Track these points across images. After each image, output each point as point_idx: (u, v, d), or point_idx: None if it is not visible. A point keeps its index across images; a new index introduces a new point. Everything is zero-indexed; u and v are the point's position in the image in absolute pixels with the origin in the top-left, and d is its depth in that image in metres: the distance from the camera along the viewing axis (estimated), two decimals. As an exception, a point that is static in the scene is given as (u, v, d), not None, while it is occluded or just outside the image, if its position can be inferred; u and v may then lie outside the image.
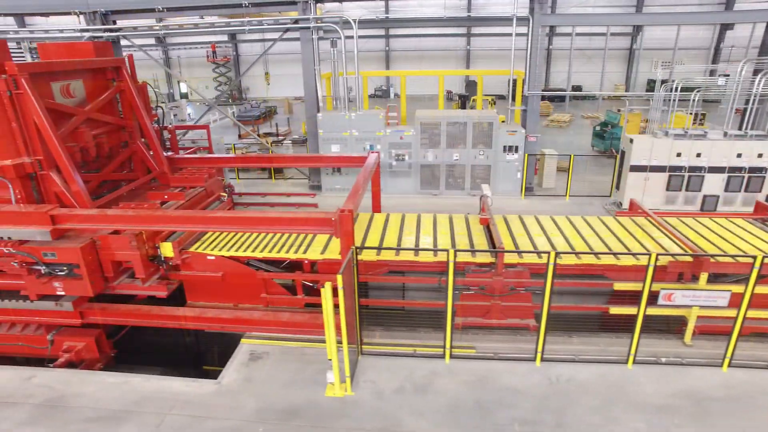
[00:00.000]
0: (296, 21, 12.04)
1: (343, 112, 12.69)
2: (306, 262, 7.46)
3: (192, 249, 7.40)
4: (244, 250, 7.38)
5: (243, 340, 7.06)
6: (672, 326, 7.29)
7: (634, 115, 16.42)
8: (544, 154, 13.41)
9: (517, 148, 12.34)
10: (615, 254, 7.02)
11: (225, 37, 35.00)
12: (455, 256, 6.15)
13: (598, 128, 17.61)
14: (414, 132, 12.40)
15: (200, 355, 8.60)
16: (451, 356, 6.67)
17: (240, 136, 20.10)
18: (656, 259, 5.96)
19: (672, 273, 6.80)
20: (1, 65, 6.52)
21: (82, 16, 12.66)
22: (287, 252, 7.38)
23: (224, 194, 9.11)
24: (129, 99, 8.56)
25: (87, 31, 12.68)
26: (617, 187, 12.06)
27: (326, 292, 5.64)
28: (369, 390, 6.13)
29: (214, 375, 8.14)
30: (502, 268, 6.88)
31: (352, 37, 12.35)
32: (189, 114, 23.53)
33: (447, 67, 34.28)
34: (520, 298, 7.04)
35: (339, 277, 5.53)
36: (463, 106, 20.55)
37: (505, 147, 12.34)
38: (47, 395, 6.11)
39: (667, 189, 11.32)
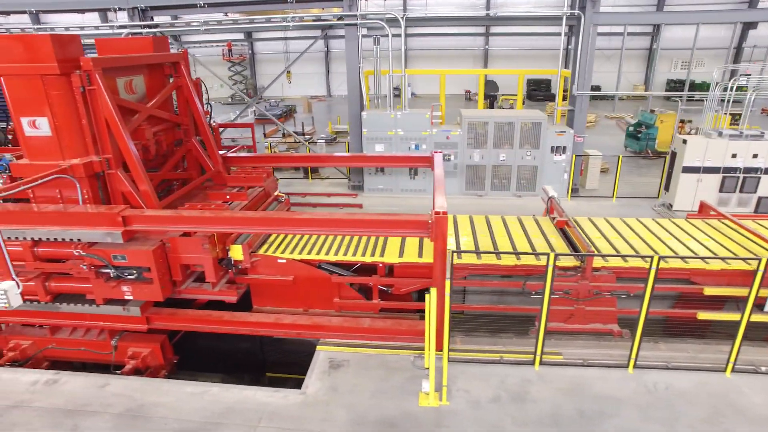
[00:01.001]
0: (340, 18, 11.78)
1: (388, 111, 12.44)
2: (381, 265, 7.23)
3: (260, 252, 7.16)
4: (317, 253, 7.15)
5: (319, 348, 6.79)
6: (761, 333, 7.09)
7: (667, 115, 16.26)
8: (589, 155, 13.20)
9: (564, 148, 12.13)
10: (723, 259, 6.78)
11: (241, 35, 34.71)
12: (555, 259, 5.92)
13: (631, 129, 17.44)
14: (461, 132, 12.16)
15: (255, 359, 8.34)
16: (541, 363, 6.46)
17: (265, 135, 19.81)
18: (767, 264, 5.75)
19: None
20: (74, 60, 6.26)
21: (120, 12, 12.36)
22: (361, 255, 7.16)
23: (282, 194, 8.86)
24: (186, 95, 8.29)
25: (124, 27, 12.39)
26: (666, 189, 11.86)
27: (432, 298, 5.42)
28: (464, 399, 5.88)
29: (280, 383, 7.99)
30: (591, 272, 6.68)
31: (388, 35, 12.07)
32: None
33: (464, 66, 34.06)
34: (605, 302, 6.84)
35: (448, 283, 5.30)
36: (491, 106, 20.33)
37: (552, 147, 12.12)
38: (126, 404, 5.83)
39: (720, 191, 11.13)
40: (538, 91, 31.81)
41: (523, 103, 23.31)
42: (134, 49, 7.81)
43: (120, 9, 12.07)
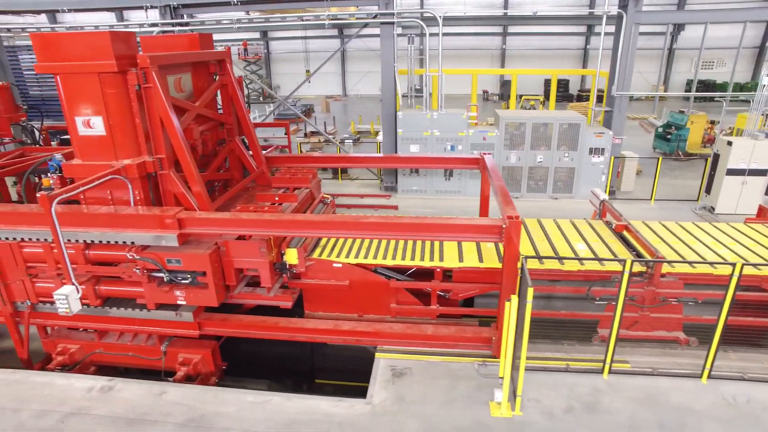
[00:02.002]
0: (375, 15, 11.57)
1: (424, 111, 12.23)
2: (438, 270, 7.03)
3: (314, 255, 6.96)
4: (374, 257, 6.95)
5: (378, 355, 6.58)
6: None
7: (698, 116, 16.03)
8: (625, 157, 12.98)
9: (603, 150, 11.91)
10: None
11: (257, 34, 34.57)
12: (631, 266, 5.71)
13: (660, 130, 17.21)
14: (498, 133, 11.95)
15: (301, 365, 8.14)
16: (610, 371, 6.24)
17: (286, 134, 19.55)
18: None
19: None
20: (130, 57, 6.07)
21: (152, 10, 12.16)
22: (420, 259, 6.96)
23: (328, 195, 8.65)
24: (231, 93, 8.10)
25: (156, 25, 12.21)
26: (707, 192, 11.62)
27: (512, 305, 5.21)
28: (536, 409, 5.67)
29: (329, 390, 7.80)
30: (659, 278, 6.46)
31: (425, 34, 11.86)
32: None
33: (481, 66, 33.81)
34: (671, 309, 6.62)
35: (530, 290, 5.08)
36: (509, 107, 20.11)
37: (591, 149, 11.91)
38: (187, 414, 5.63)
39: (767, 193, 10.91)
40: (557, 92, 31.49)
41: (543, 104, 23.12)
42: (180, 46, 7.61)
43: (152, 7, 11.88)
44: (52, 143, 11.74)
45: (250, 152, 8.50)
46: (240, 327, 6.66)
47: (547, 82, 31.74)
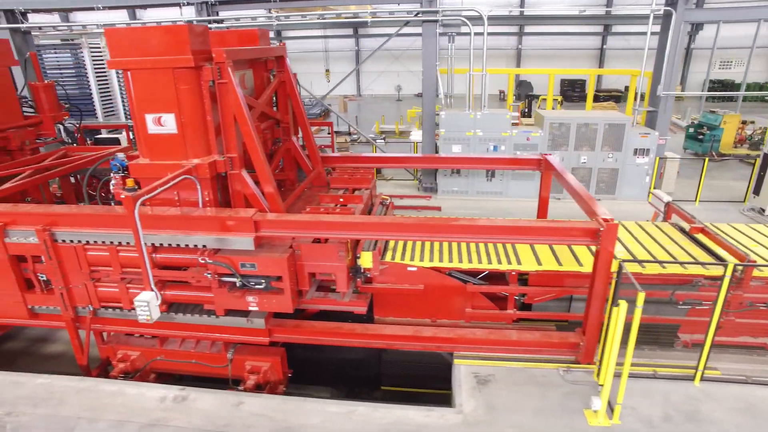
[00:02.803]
0: (417, 14, 11.35)
1: (467, 111, 12.02)
2: (513, 273, 6.80)
3: (386, 259, 6.72)
4: (449, 261, 6.71)
5: (457, 361, 6.34)
6: None
7: (731, 116, 15.87)
8: (667, 158, 12.80)
9: (648, 150, 11.72)
10: None
11: (271, 34, 34.22)
12: (746, 270, 5.50)
13: (691, 130, 17.05)
14: (541, 133, 11.75)
15: (361, 371, 7.88)
16: (701, 378, 6.02)
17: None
18: None
19: None
20: (205, 52, 5.82)
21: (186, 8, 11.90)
22: (497, 263, 6.73)
23: (386, 196, 8.41)
24: (288, 91, 7.85)
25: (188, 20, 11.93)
26: (756, 193, 11.44)
27: (621, 310, 4.98)
28: (634, 418, 5.43)
29: (397, 396, 7.54)
30: (749, 283, 6.25)
31: (470, 33, 11.65)
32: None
33: (496, 66, 33.63)
34: (759, 314, 6.41)
35: (641, 295, 4.86)
36: (529, 107, 19.96)
37: (636, 150, 11.72)
38: (270, 426, 5.36)
39: (819, 194, 10.76)
40: (573, 92, 31.40)
41: (561, 104, 22.93)
42: (242, 41, 7.37)
43: (189, 4, 11.62)
44: (86, 143, 11.49)
45: (305, 152, 8.27)
46: (314, 334, 6.40)
47: (564, 82, 31.62)
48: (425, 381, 7.56)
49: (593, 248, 7.12)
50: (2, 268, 6.39)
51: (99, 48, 15.11)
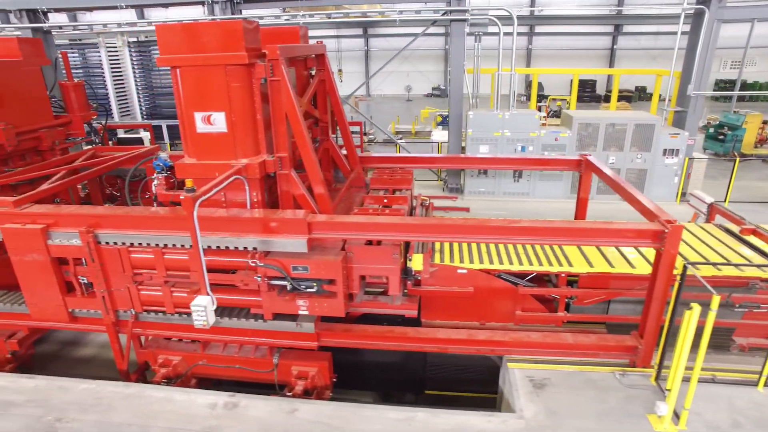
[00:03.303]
0: (444, 13, 11.23)
1: (496, 111, 11.89)
2: (563, 275, 6.68)
3: (434, 261, 6.59)
4: (500, 263, 6.59)
5: (511, 365, 6.20)
6: None
7: (754, 116, 15.78)
8: (694, 158, 12.69)
9: (677, 151, 11.61)
10: None
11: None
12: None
13: (711, 131, 16.96)
14: (570, 134, 11.63)
15: (403, 375, 7.74)
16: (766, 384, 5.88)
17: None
18: None
19: None
20: (257, 49, 5.68)
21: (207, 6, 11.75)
22: (548, 264, 6.62)
23: (425, 197, 8.27)
24: (328, 90, 7.72)
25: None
26: (787, 193, 11.36)
27: (694, 313, 4.85)
28: (700, 424, 5.29)
29: (441, 400, 7.40)
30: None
31: (499, 32, 11.54)
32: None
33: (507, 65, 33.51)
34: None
35: (716, 298, 4.73)
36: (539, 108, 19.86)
37: (665, 150, 11.61)
38: (330, 435, 5.24)
39: None
40: (583, 92, 31.31)
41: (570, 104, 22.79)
42: (284, 39, 7.22)
43: (214, 2, 11.48)
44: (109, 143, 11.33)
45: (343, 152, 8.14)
46: (365, 338, 6.26)
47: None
48: (469, 385, 7.44)
49: (642, 250, 7.08)
50: (44, 271, 6.24)
51: (115, 48, 14.96)
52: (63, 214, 6.10)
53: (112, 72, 15.06)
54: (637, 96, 31.03)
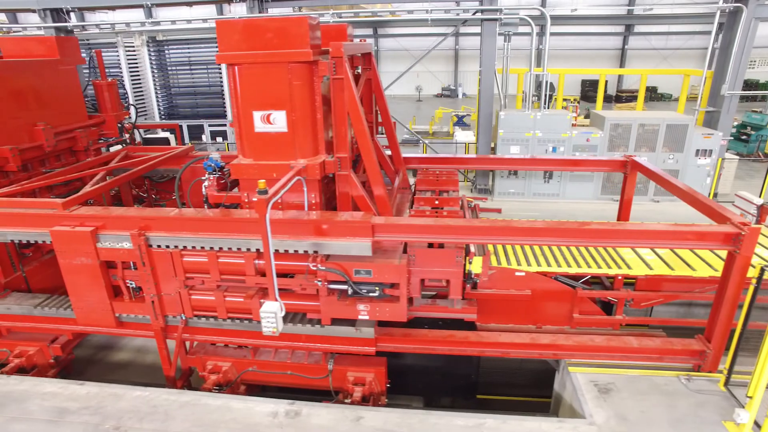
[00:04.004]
0: (475, 12, 11.10)
1: (527, 111, 11.77)
2: (620, 277, 6.55)
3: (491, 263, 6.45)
4: (558, 265, 6.46)
5: (572, 369, 6.06)
6: None
7: (776, 116, 15.73)
8: (725, 159, 12.60)
9: (710, 151, 11.51)
10: None
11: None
12: None
13: (734, 130, 16.87)
14: (602, 134, 11.52)
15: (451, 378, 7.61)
16: None
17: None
18: None
19: None
20: (319, 46, 5.54)
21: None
22: (600, 267, 6.49)
23: (471, 198, 8.13)
24: (374, 89, 7.58)
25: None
26: (818, 193, 11.29)
27: (784, 319, 4.73)
28: (781, 433, 5.18)
29: (491, 405, 7.26)
30: None
31: (532, 32, 11.40)
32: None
33: (520, 65, 33.37)
34: None
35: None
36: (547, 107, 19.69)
37: (697, 151, 11.50)
38: (402, 444, 5.08)
39: None
40: (594, 92, 31.13)
41: (578, 104, 22.73)
42: (332, 36, 7.06)
43: (240, 0, 11.32)
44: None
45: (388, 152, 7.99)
46: (425, 342, 6.10)
47: (584, 83, 31.48)
48: (521, 388, 7.32)
49: (699, 252, 6.96)
50: (93, 275, 6.07)
51: (133, 47, 14.77)
52: (112, 216, 5.93)
53: (130, 72, 14.88)
54: (648, 96, 31.00)
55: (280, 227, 5.44)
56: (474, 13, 11.15)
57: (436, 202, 7.10)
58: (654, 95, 31.37)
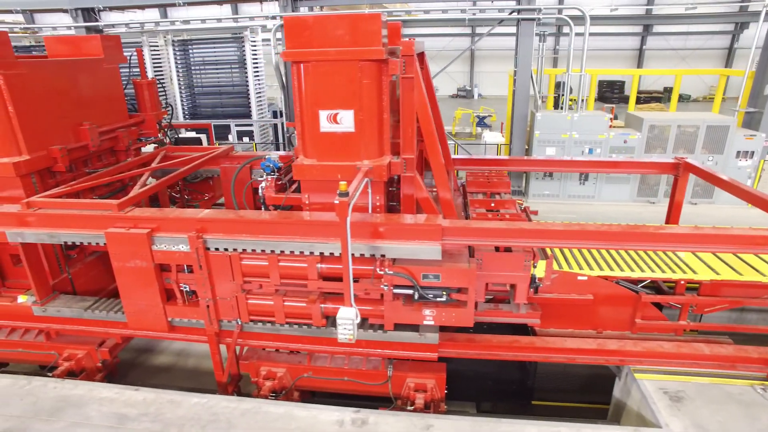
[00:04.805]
0: (512, 12, 10.94)
1: (564, 112, 11.61)
2: (682, 282, 6.40)
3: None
4: (619, 269, 6.32)
5: (639, 376, 5.90)
6: None
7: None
8: (767, 160, 12.40)
9: (752, 153, 11.34)
10: None
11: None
12: None
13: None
14: (639, 136, 11.35)
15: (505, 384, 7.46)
16: None
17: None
18: None
19: None
20: (387, 44, 5.39)
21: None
22: (668, 270, 6.35)
23: (521, 201, 7.98)
24: (427, 88, 7.40)
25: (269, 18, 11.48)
26: None
27: None
28: None
29: (549, 411, 7.12)
30: None
31: (570, 33, 11.26)
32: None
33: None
34: None
35: None
36: (556, 105, 19.55)
37: (738, 152, 11.33)
38: (477, 454, 4.93)
39: None
40: (611, 93, 31.02)
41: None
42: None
43: (271, -1, 11.18)
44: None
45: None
46: (489, 348, 5.96)
47: (602, 83, 31.14)
48: (577, 394, 7.17)
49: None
50: (147, 278, 5.93)
51: (158, 46, 14.65)
52: (168, 218, 5.79)
53: (154, 71, 14.76)
54: (666, 97, 30.77)
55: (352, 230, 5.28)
56: (510, 13, 10.99)
57: (492, 205, 6.97)
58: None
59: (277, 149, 15.77)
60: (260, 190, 6.18)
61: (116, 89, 7.92)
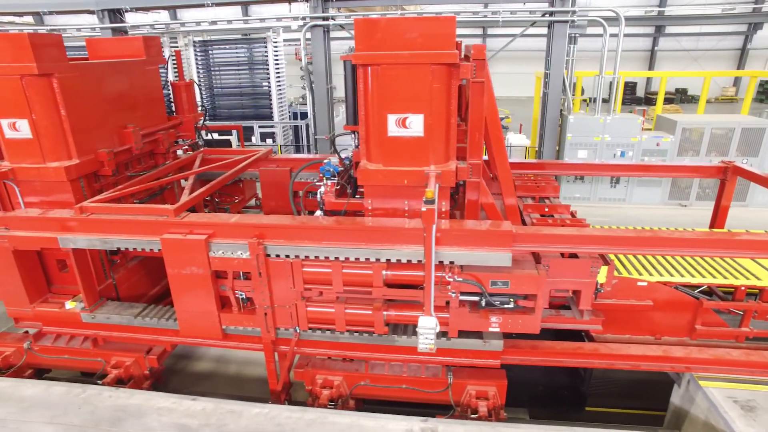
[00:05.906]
0: (544, 14, 10.87)
1: (597, 115, 11.54)
2: (743, 288, 6.32)
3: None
4: (680, 275, 6.24)
5: (704, 383, 5.82)
6: None
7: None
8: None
9: (789, 155, 11.32)
10: None
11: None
12: None
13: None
14: (672, 138, 11.30)
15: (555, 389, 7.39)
16: None
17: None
18: None
19: None
20: (448, 50, 5.27)
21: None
22: (726, 278, 6.27)
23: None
24: (486, 91, 7.31)
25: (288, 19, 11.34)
26: None
27: None
28: None
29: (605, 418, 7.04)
30: None
31: (604, 34, 11.17)
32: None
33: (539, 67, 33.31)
34: None
35: None
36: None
37: (773, 155, 11.31)
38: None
39: None
40: (624, 94, 30.95)
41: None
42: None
43: (303, 0, 11.05)
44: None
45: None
46: (553, 355, 5.87)
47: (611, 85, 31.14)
48: (631, 400, 7.11)
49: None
50: (203, 285, 5.80)
51: (178, 47, 14.48)
52: (225, 223, 5.67)
53: (175, 73, 14.60)
54: (679, 98, 30.80)
55: (411, 237, 5.19)
56: (543, 15, 10.92)
57: (546, 210, 6.88)
58: (684, 97, 31.18)
59: (298, 151, 15.64)
60: (319, 195, 6.06)
61: (157, 91, 7.80)
